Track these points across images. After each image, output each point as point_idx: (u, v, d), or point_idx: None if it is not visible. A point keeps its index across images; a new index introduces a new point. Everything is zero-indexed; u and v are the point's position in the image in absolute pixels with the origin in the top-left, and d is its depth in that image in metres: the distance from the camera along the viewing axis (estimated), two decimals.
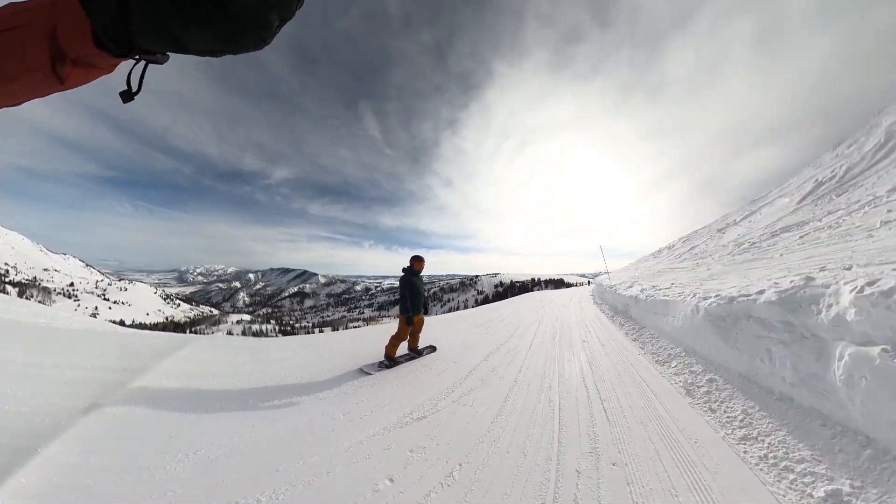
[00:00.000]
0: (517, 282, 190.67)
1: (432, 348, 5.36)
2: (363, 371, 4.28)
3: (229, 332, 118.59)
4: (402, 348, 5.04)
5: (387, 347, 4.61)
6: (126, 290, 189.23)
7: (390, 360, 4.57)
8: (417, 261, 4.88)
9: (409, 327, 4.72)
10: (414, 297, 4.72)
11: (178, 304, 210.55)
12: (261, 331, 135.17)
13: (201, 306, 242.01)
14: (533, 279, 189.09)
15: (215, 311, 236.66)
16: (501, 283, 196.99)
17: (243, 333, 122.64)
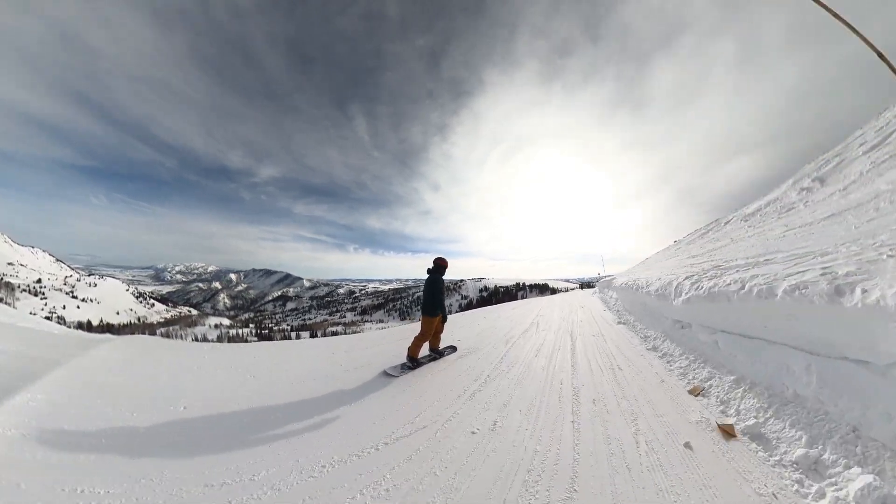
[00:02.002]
0: (502, 287, 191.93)
1: (453, 348, 5.37)
2: (386, 373, 4.20)
3: (203, 338, 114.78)
4: (423, 349, 4.97)
5: (410, 348, 4.53)
6: (96, 285, 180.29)
7: (413, 362, 4.47)
8: (443, 260, 4.92)
9: (440, 326, 4.82)
10: (442, 297, 4.80)
11: (153, 304, 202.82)
12: (238, 335, 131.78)
13: (179, 307, 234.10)
14: (518, 284, 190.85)
15: (194, 312, 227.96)
16: (486, 288, 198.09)
17: (218, 339, 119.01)
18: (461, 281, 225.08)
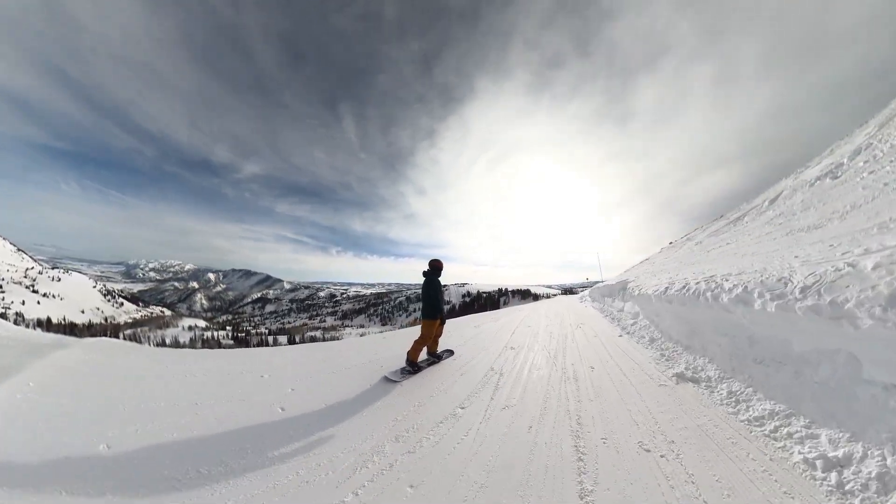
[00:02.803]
0: (484, 293, 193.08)
1: (450, 352, 5.37)
2: (388, 379, 4.06)
3: (175, 340, 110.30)
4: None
5: (409, 353, 4.43)
6: (60, 280, 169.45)
7: (413, 366, 4.36)
8: (438, 262, 4.97)
9: (439, 329, 4.76)
10: (441, 298, 4.75)
11: (122, 303, 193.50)
12: (213, 338, 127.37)
13: (151, 307, 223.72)
14: (500, 290, 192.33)
15: (167, 312, 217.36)
16: (469, 294, 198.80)
17: (191, 342, 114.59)
18: (444, 286, 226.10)
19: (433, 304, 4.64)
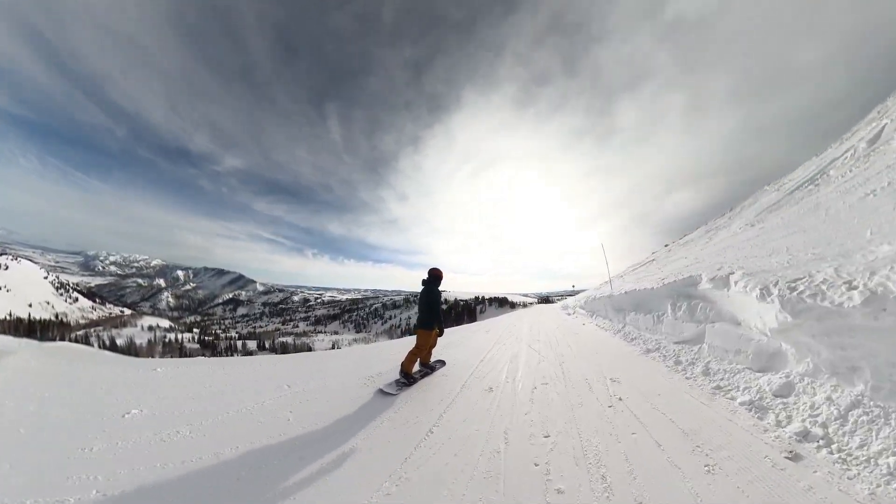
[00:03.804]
0: (462, 300, 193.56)
1: (442, 362, 5.43)
2: (382, 391, 4.05)
3: (129, 342, 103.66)
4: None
5: (403, 364, 4.40)
6: (7, 268, 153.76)
7: (408, 378, 4.34)
8: (438, 271, 4.88)
9: (434, 340, 4.74)
10: (440, 308, 4.71)
11: (76, 299, 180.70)
12: (176, 341, 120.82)
13: (109, 304, 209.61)
14: (477, 298, 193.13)
15: (127, 311, 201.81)
16: (446, 301, 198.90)
17: (149, 344, 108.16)
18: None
19: (432, 313, 4.60)
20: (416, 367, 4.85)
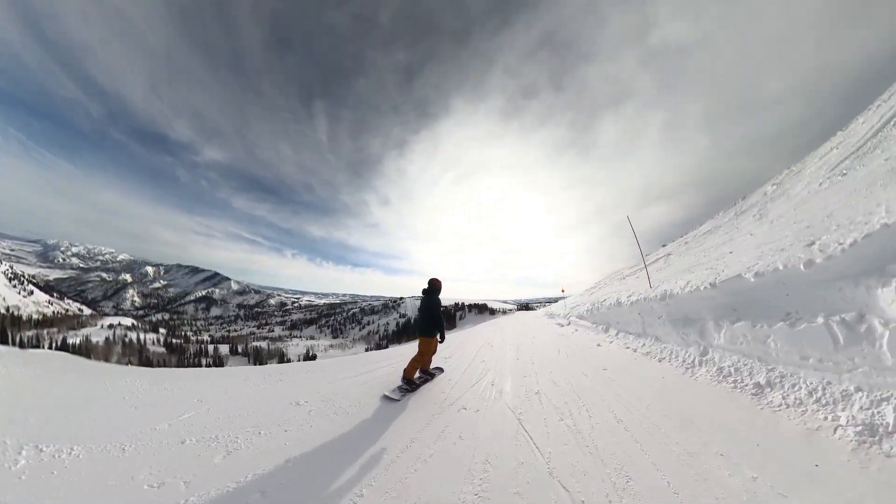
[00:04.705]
0: (441, 306, 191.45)
1: (440, 369, 5.74)
2: (388, 398, 4.23)
3: (85, 342, 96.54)
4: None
5: (406, 370, 4.65)
6: None
7: (410, 384, 4.57)
8: (437, 282, 5.24)
9: (435, 347, 4.95)
10: (441, 317, 5.00)
11: (31, 292, 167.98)
12: (138, 340, 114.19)
13: (68, 300, 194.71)
14: (457, 304, 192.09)
15: (86, 311, 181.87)
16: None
17: (107, 341, 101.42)
18: (400, 299, 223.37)
19: (433, 322, 4.85)
20: (417, 374, 5.01)
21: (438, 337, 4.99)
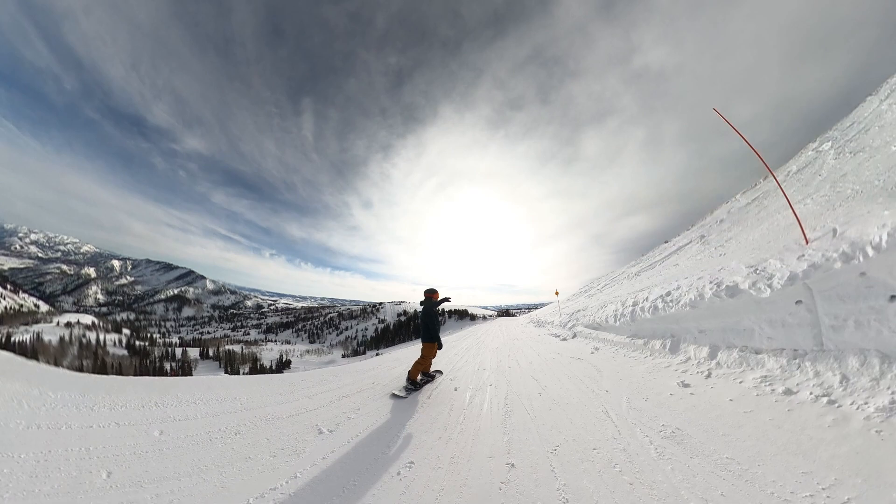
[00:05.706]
0: (439, 314, 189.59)
1: (440, 372, 6.57)
2: (395, 395, 4.86)
3: (34, 340, 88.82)
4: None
5: (410, 372, 5.31)
6: None
7: (414, 384, 5.25)
8: (433, 292, 6.00)
9: (435, 351, 5.54)
10: (438, 325, 5.67)
11: None
12: (96, 342, 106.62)
13: (23, 294, 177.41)
14: (437, 310, 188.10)
15: (42, 306, 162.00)
16: (405, 312, 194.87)
17: (61, 341, 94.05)
18: (380, 304, 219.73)
19: (434, 329, 5.54)
20: (420, 376, 5.60)
21: (437, 344, 5.59)
